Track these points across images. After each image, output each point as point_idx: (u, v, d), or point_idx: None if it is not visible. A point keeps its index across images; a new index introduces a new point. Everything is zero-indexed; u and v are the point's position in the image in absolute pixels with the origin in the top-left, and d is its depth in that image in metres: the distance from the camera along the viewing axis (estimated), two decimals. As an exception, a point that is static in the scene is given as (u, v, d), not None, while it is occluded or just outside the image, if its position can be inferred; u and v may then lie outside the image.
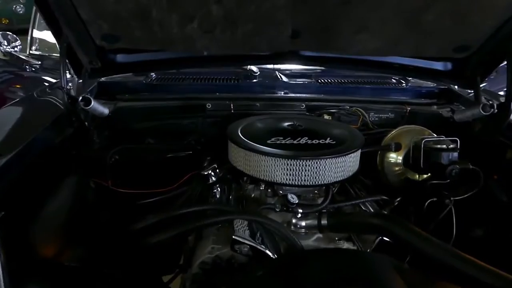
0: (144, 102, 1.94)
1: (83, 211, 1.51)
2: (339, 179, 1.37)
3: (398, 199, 1.72)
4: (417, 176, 1.73)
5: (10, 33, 2.67)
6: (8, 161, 1.20)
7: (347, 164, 1.37)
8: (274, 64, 2.12)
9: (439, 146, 1.59)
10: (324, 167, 1.31)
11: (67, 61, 1.61)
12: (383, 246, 1.33)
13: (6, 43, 2.59)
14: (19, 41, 2.71)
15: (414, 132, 1.77)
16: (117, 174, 1.73)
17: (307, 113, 1.88)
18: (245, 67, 2.13)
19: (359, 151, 1.44)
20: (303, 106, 1.90)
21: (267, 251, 1.12)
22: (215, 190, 1.59)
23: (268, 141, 1.39)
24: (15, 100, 1.61)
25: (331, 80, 2.19)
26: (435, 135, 1.72)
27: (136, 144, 1.87)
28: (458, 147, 1.59)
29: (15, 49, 2.74)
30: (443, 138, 1.63)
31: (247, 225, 1.24)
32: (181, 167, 1.73)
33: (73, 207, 1.48)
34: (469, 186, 1.60)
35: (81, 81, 1.67)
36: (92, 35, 1.54)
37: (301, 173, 1.30)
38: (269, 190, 1.45)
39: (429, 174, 1.66)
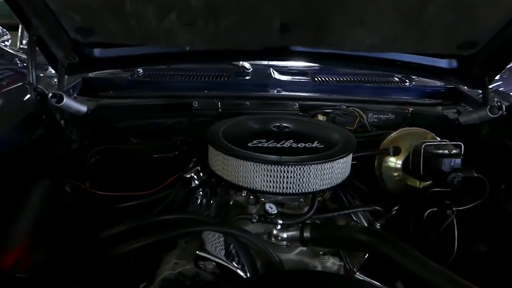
0: (128, 99, 1.83)
1: (52, 216, 1.40)
2: (326, 187, 1.24)
3: (396, 207, 1.60)
4: (418, 183, 1.59)
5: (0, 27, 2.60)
6: None
7: (336, 171, 1.24)
8: (264, 60, 2.00)
9: (440, 151, 1.45)
10: (309, 173, 1.19)
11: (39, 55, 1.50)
12: (373, 263, 1.21)
13: (-5, 37, 2.52)
14: (8, 35, 2.64)
15: (415, 135, 1.63)
16: (97, 176, 1.63)
17: (300, 113, 1.75)
18: (236, 63, 2.00)
19: (350, 156, 1.31)
20: (296, 105, 1.77)
21: (237, 270, 1.00)
22: (197, 195, 1.48)
23: (249, 144, 1.27)
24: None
25: (328, 78, 2.06)
26: (439, 139, 1.59)
27: (118, 144, 1.76)
28: (462, 152, 1.45)
29: (5, 43, 2.67)
30: (445, 142, 1.49)
31: (221, 237, 1.13)
32: (165, 169, 1.62)
33: (42, 212, 1.37)
34: (473, 195, 1.46)
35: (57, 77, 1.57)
36: (65, 28, 1.44)
37: (283, 180, 1.18)
38: (251, 197, 1.33)
39: (430, 181, 1.52)
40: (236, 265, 1.02)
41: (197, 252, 0.99)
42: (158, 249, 1.18)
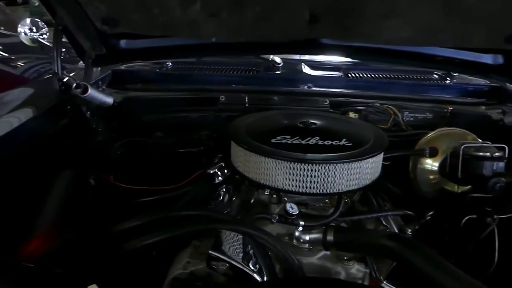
0: (155, 92, 1.81)
1: (73, 208, 1.40)
2: (353, 188, 1.16)
3: (431, 213, 1.49)
4: (456, 187, 1.48)
5: (40, 20, 2.65)
6: None
7: (364, 171, 1.16)
8: (292, 53, 1.92)
9: (481, 153, 1.33)
10: (334, 173, 1.11)
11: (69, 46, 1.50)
12: (402, 271, 1.12)
13: (35, 30, 2.56)
14: (46, 28, 2.68)
15: (454, 136, 1.52)
16: (121, 169, 1.62)
17: (331, 110, 1.67)
18: (267, 57, 1.94)
19: (380, 156, 1.22)
20: (326, 102, 1.69)
21: (251, 272, 0.94)
22: (220, 192, 1.43)
23: (273, 140, 1.20)
24: (13, 89, 1.52)
25: (362, 74, 1.96)
26: (480, 141, 1.47)
27: (144, 137, 1.74)
28: (506, 156, 1.33)
29: (43, 36, 2.72)
30: (488, 144, 1.37)
31: (239, 238, 1.07)
32: (190, 164, 1.59)
33: (63, 202, 1.37)
34: (517, 203, 1.34)
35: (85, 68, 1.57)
36: (91, 18, 1.42)
37: (306, 179, 1.11)
38: (274, 196, 1.27)
39: (469, 185, 1.41)
40: (251, 268, 0.96)
41: (210, 251, 0.94)
42: (174, 245, 1.14)
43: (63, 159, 1.44)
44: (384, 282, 1.08)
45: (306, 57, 2.02)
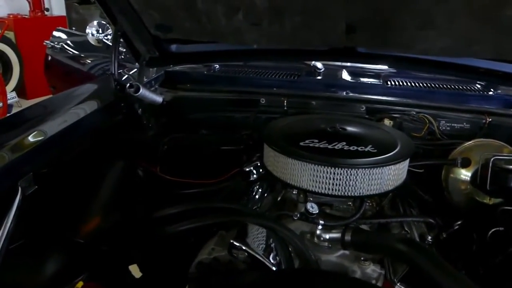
0: (201, 93, 1.95)
1: (123, 193, 1.56)
2: (374, 192, 1.21)
3: (459, 222, 1.51)
4: (488, 199, 1.48)
5: (105, 22, 2.89)
6: (50, 139, 1.29)
7: (385, 177, 1.21)
8: (330, 61, 1.98)
9: (511, 166, 1.33)
10: (356, 177, 1.18)
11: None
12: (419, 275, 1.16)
13: (101, 31, 2.80)
14: (111, 29, 2.93)
15: (490, 147, 1.51)
16: (167, 162, 1.77)
17: (366, 116, 1.72)
18: (308, 63, 2.02)
19: (404, 163, 1.26)
20: (363, 108, 1.74)
21: (268, 263, 1.03)
22: (255, 188, 1.54)
23: (301, 143, 1.28)
24: (81, 86, 1.72)
25: (402, 82, 1.98)
26: (517, 154, 1.45)
27: (189, 134, 1.88)
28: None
29: (108, 37, 2.97)
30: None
31: (263, 231, 1.17)
32: (231, 161, 1.70)
33: (115, 189, 1.54)
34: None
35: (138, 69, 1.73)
36: (146, 25, 1.58)
37: (328, 181, 1.19)
38: (301, 196, 1.35)
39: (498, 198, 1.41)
40: (267, 259, 1.06)
41: (232, 241, 1.05)
42: (207, 234, 1.26)
43: (117, 151, 1.62)
44: (398, 284, 1.13)
45: (348, 63, 2.07)
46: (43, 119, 1.37)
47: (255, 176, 1.55)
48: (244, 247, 1.02)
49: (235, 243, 1.03)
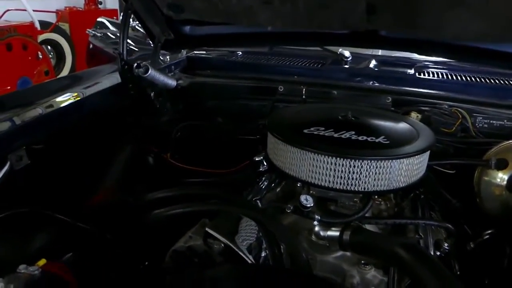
0: (219, 79, 1.87)
1: (130, 176, 1.52)
2: (382, 188, 1.07)
3: (489, 231, 1.32)
4: (526, 206, 1.29)
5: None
6: (45, 116, 1.27)
7: (395, 172, 1.06)
8: (350, 46, 1.81)
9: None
10: (360, 170, 1.04)
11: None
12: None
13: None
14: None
15: (531, 148, 1.32)
16: (179, 149, 1.71)
17: (392, 108, 1.56)
18: (335, 50, 1.88)
19: (420, 158, 1.11)
20: (389, 99, 1.58)
21: (244, 255, 0.93)
22: (262, 179, 1.44)
23: (305, 131, 1.16)
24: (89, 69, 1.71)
25: (437, 74, 1.79)
26: None
27: (205, 121, 1.82)
28: None
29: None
30: None
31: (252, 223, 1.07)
32: (246, 150, 1.62)
33: (123, 171, 1.50)
34: None
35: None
36: (158, 4, 1.53)
37: (329, 172, 1.06)
38: (304, 189, 1.23)
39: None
40: (243, 251, 0.95)
41: (206, 229, 0.95)
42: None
43: (125, 133, 1.58)
44: (403, 294, 0.99)
45: (379, 52, 1.91)
46: (43, 98, 1.35)
47: (265, 167, 1.45)
48: (218, 236, 0.92)
49: (210, 231, 0.93)
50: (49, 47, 5.91)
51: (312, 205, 1.06)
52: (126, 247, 1.12)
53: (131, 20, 2.61)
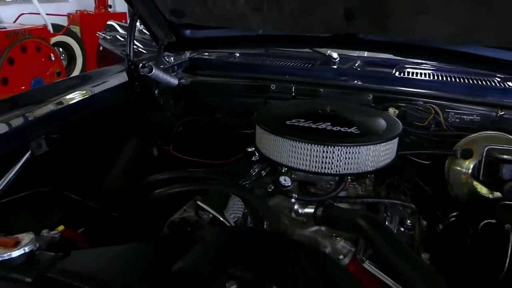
0: (218, 78, 2.04)
1: (135, 165, 1.69)
2: (351, 171, 1.23)
3: (454, 214, 1.48)
4: (489, 192, 1.44)
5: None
6: (60, 110, 1.45)
7: (363, 157, 1.22)
8: (333, 48, 1.98)
9: (505, 156, 1.29)
10: (332, 155, 1.20)
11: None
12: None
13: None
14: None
15: (495, 140, 1.47)
16: (181, 142, 1.88)
17: (373, 105, 1.72)
18: (324, 52, 2.04)
19: (385, 145, 1.26)
20: (370, 96, 1.74)
21: (227, 223, 1.09)
22: (255, 167, 1.60)
23: (287, 122, 1.33)
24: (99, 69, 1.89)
25: (416, 73, 1.94)
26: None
27: (204, 117, 1.99)
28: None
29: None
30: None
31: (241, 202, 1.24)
32: (241, 144, 1.78)
33: (129, 161, 1.68)
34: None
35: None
36: (161, 10, 1.70)
37: (306, 157, 1.22)
38: (288, 173, 1.39)
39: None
40: (227, 220, 1.11)
41: (198, 202, 1.12)
42: None
43: (131, 127, 1.75)
44: (367, 262, 1.14)
45: (365, 53, 2.07)
46: (59, 94, 1.53)
47: (257, 157, 1.61)
48: (207, 208, 1.09)
49: (200, 204, 1.10)
50: (60, 49, 6.14)
51: (289, 184, 1.22)
52: (130, 223, 1.30)
53: (138, 24, 2.84)
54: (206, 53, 2.36)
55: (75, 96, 1.56)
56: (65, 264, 0.78)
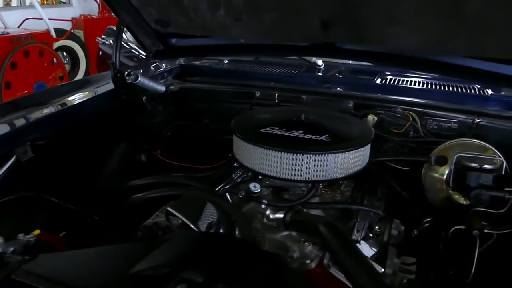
0: (205, 84, 2.09)
1: (125, 167, 1.74)
2: (321, 178, 1.26)
3: (428, 219, 1.51)
4: (463, 198, 1.47)
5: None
6: (46, 117, 1.51)
7: (331, 165, 1.26)
8: (312, 56, 2.02)
9: (473, 164, 1.32)
10: (301, 162, 1.24)
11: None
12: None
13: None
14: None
15: (470, 147, 1.49)
16: (168, 147, 1.93)
17: (353, 112, 1.76)
18: (309, 59, 2.08)
19: (354, 153, 1.29)
20: (350, 103, 1.78)
21: (196, 229, 1.14)
22: (237, 173, 1.64)
23: (262, 130, 1.37)
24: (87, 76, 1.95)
25: (398, 81, 1.97)
26: (501, 156, 1.42)
27: (191, 123, 2.04)
28: (504, 170, 1.30)
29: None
30: (485, 156, 1.35)
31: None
32: (228, 149, 1.83)
33: (118, 164, 1.73)
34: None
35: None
36: (146, 20, 1.75)
37: (276, 165, 1.26)
38: (264, 180, 1.44)
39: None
40: (195, 225, 1.16)
41: (168, 208, 1.17)
42: None
43: (120, 133, 1.80)
44: (333, 267, 1.18)
45: (350, 61, 2.10)
46: (46, 102, 1.59)
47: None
48: (177, 214, 1.13)
49: (170, 209, 1.14)
50: (64, 53, 6.24)
51: (259, 191, 1.27)
52: (109, 226, 1.35)
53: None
54: (198, 60, 2.41)
55: (63, 103, 1.62)
56: (31, 267, 0.83)
